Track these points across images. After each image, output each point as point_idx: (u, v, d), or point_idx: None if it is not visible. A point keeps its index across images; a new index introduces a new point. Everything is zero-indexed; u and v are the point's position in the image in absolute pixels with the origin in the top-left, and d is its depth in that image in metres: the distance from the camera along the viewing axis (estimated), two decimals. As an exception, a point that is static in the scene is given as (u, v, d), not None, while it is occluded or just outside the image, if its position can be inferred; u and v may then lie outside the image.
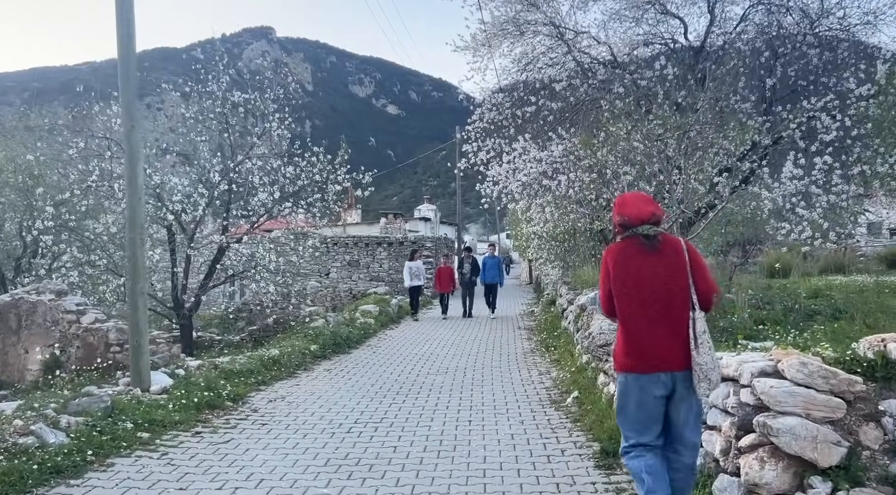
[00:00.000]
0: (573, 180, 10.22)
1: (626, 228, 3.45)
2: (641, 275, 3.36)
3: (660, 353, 3.29)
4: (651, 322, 3.32)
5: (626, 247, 3.44)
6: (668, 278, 3.31)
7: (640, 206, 3.45)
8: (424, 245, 24.96)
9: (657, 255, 3.36)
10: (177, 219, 10.40)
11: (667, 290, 3.31)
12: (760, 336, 6.74)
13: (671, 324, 3.29)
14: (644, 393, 3.33)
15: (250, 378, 8.16)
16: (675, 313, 3.30)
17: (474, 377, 8.70)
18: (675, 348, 3.27)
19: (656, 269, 3.34)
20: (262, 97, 11.09)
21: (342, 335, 11.45)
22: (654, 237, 3.38)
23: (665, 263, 3.34)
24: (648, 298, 3.33)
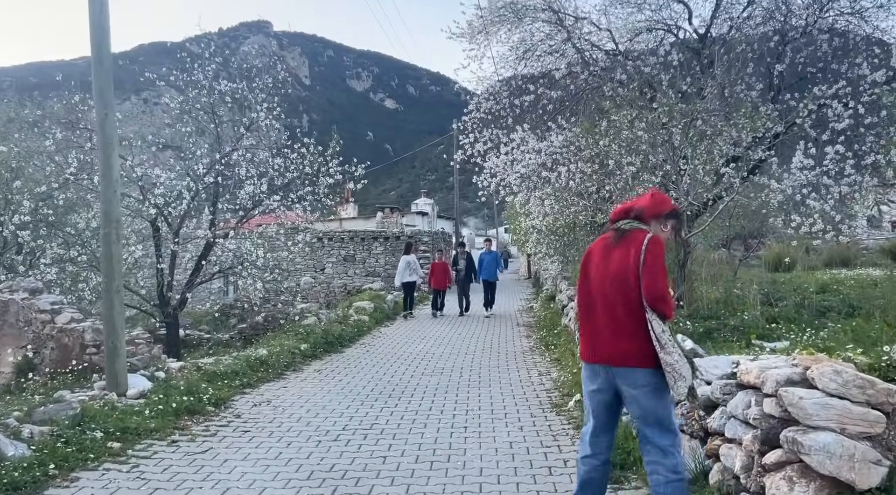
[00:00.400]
0: (574, 172, 9.81)
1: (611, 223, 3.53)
2: (597, 268, 3.40)
3: (599, 345, 3.30)
4: (597, 314, 3.35)
5: (599, 241, 3.52)
6: (618, 273, 3.28)
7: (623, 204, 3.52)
8: (421, 240, 24.55)
9: (617, 250, 3.33)
10: (160, 212, 9.97)
11: (612, 285, 3.29)
12: (774, 335, 6.37)
13: (613, 318, 3.26)
14: (588, 382, 3.40)
15: (235, 380, 7.76)
16: (618, 309, 3.26)
17: (471, 377, 8.31)
18: (615, 345, 3.24)
19: (610, 264, 3.33)
20: (250, 86, 10.64)
21: (334, 333, 11.06)
22: (623, 231, 3.36)
23: (619, 259, 3.30)
24: (596, 291, 3.37)
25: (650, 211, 3.40)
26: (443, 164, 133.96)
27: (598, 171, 8.23)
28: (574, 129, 9.69)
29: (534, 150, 10.51)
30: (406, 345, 11.33)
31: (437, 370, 8.89)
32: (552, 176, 10.16)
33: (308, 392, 7.63)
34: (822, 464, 3.03)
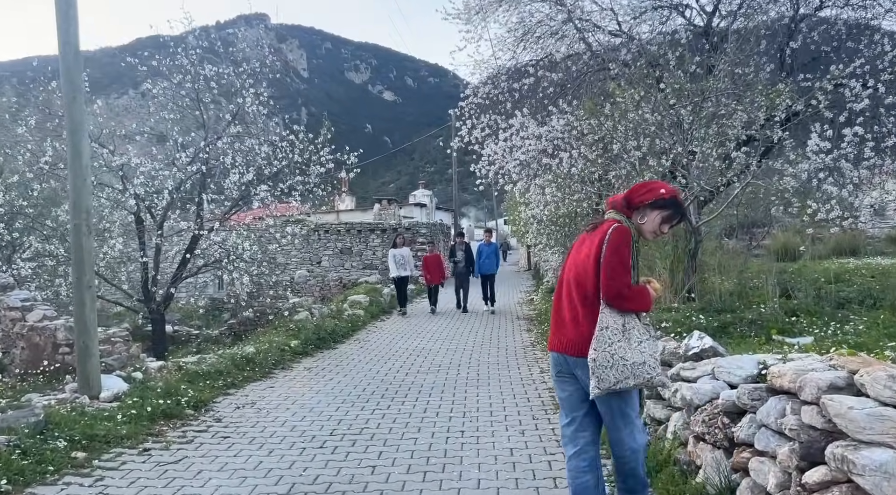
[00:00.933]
0: (576, 157, 9.34)
1: None
2: (571, 258, 3.40)
3: (558, 336, 3.32)
4: (562, 304, 3.34)
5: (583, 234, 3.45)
6: (581, 263, 3.26)
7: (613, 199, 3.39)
8: (419, 231, 24.08)
9: (587, 240, 3.32)
10: (139, 203, 9.49)
11: (576, 276, 3.27)
12: (795, 329, 5.92)
13: (572, 307, 3.25)
14: (553, 370, 3.39)
15: (218, 380, 7.31)
16: (576, 298, 3.23)
17: (469, 375, 7.86)
18: (568, 333, 3.24)
19: (579, 254, 3.32)
20: (236, 71, 10.14)
21: (327, 329, 10.60)
22: (598, 221, 3.35)
23: (586, 249, 3.28)
24: (565, 281, 3.36)
25: (630, 200, 3.30)
26: (442, 157, 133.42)
27: (602, 156, 7.75)
28: (576, 113, 9.20)
29: (534, 136, 10.03)
30: (402, 340, 10.89)
31: (433, 367, 8.45)
32: (553, 162, 9.68)
33: (296, 392, 7.18)
34: (879, 487, 2.57)
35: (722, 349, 4.37)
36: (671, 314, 6.50)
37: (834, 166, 8.14)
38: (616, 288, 3.08)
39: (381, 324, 13.16)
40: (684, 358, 4.55)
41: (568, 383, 3.30)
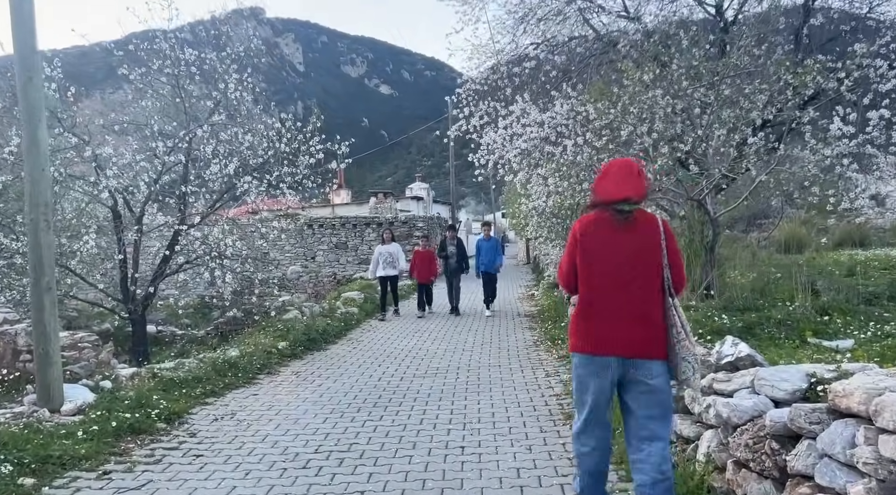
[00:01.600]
0: (581, 145, 8.74)
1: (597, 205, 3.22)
2: (607, 251, 3.10)
3: (617, 337, 3.03)
4: (612, 302, 3.07)
5: (596, 218, 3.18)
6: (639, 258, 3.07)
7: (618, 185, 3.10)
8: (416, 225, 23.48)
9: (629, 232, 3.09)
10: (114, 196, 8.86)
11: (635, 271, 3.06)
12: (829, 330, 5.35)
13: (635, 307, 3.04)
14: (592, 376, 3.09)
15: (197, 388, 6.72)
16: (642, 296, 3.05)
17: (469, 380, 7.29)
18: (636, 333, 3.02)
19: (627, 247, 3.08)
20: (219, 55, 9.51)
21: (318, 328, 10.02)
22: (628, 212, 3.08)
23: (637, 242, 3.08)
24: (614, 278, 3.08)
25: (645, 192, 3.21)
26: (439, 150, 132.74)
27: (613, 141, 7.15)
28: (581, 97, 8.60)
29: (535, 123, 9.43)
30: (397, 340, 10.31)
31: (430, 370, 7.88)
32: (556, 150, 9.09)
33: (281, 401, 6.60)
34: None
35: (760, 357, 3.79)
36: (690, 313, 5.93)
37: (859, 152, 7.57)
38: (685, 281, 3.16)
39: (376, 322, 12.58)
40: (716, 367, 3.98)
41: (609, 386, 3.09)
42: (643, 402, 3.02)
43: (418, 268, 13.24)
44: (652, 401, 3.01)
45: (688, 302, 6.31)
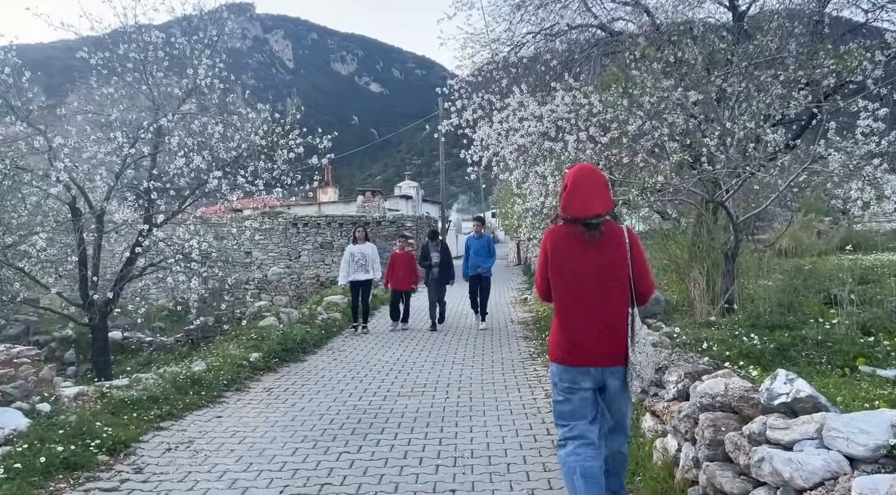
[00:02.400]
0: (584, 140, 8.03)
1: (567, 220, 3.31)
2: (579, 266, 3.25)
3: (590, 348, 3.20)
4: (585, 315, 3.23)
5: (566, 233, 3.29)
6: (606, 271, 3.22)
7: (588, 204, 3.21)
8: (404, 224, 22.72)
9: (597, 246, 3.23)
10: (69, 190, 8.03)
11: (603, 284, 3.22)
12: (876, 353, 4.65)
13: (604, 319, 3.21)
14: (574, 385, 3.24)
15: (152, 409, 5.93)
16: (610, 308, 3.22)
17: (459, 400, 6.54)
18: (607, 344, 3.20)
19: (595, 261, 3.23)
20: (190, 40, 8.70)
21: (296, 337, 9.24)
22: (596, 226, 3.21)
23: (605, 255, 3.23)
24: (584, 291, 3.23)
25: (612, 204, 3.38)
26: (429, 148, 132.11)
27: (625, 135, 6.41)
28: (584, 89, 7.88)
29: (534, 116, 8.70)
30: (381, 350, 9.55)
31: (416, 387, 7.12)
32: (557, 147, 8.36)
33: (248, 425, 5.83)
34: None
35: (824, 400, 3.07)
36: (712, 331, 5.23)
37: (889, 151, 6.89)
38: (654, 289, 3.40)
39: (370, 321, 11.80)
40: (765, 407, 3.26)
41: (589, 395, 3.25)
42: (614, 402, 3.28)
43: (395, 273, 11.40)
44: (621, 401, 3.31)
45: (707, 317, 5.61)
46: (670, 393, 4.19)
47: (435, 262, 11.51)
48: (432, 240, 11.95)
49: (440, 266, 11.47)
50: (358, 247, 11.07)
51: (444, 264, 11.49)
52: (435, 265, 11.50)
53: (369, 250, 11.10)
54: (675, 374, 4.19)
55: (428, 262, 11.60)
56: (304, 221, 23.37)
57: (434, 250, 11.69)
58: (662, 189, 5.67)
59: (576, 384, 3.22)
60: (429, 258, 11.62)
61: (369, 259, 10.98)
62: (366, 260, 10.95)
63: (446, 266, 11.50)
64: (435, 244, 11.84)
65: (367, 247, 11.16)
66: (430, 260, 11.58)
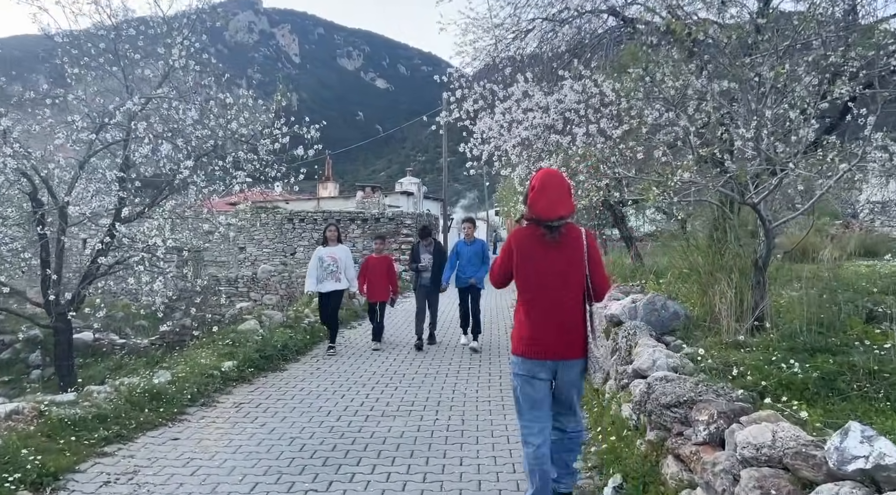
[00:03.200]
0: (594, 133, 7.28)
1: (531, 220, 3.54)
2: (540, 266, 3.50)
3: (548, 342, 3.48)
4: (545, 312, 3.50)
5: (530, 234, 3.54)
6: (565, 271, 3.48)
7: (553, 206, 3.44)
8: (404, 222, 21.97)
9: (558, 247, 3.48)
10: (28, 179, 7.30)
11: (563, 283, 3.48)
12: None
13: (563, 315, 3.48)
14: (531, 376, 3.53)
15: (97, 431, 5.20)
16: (567, 305, 3.48)
17: (450, 423, 5.80)
18: (564, 339, 3.48)
19: (555, 262, 3.49)
20: (165, 17, 7.96)
21: (276, 343, 8.51)
22: (557, 229, 3.46)
23: (564, 256, 3.48)
24: (545, 289, 3.49)
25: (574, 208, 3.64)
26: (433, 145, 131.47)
27: (645, 125, 5.63)
28: (596, 76, 7.12)
29: (539, 107, 7.95)
30: (368, 359, 8.81)
31: (403, 405, 6.39)
32: (564, 141, 7.61)
33: (207, 449, 5.10)
34: None
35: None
36: (742, 354, 4.48)
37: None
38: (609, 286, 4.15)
39: (351, 332, 11.07)
40: (832, 472, 2.51)
41: (545, 384, 3.56)
42: (566, 390, 3.59)
43: (369, 281, 9.61)
44: (573, 388, 3.61)
45: (735, 336, 4.85)
46: (700, 435, 3.44)
47: (425, 265, 9.58)
48: (423, 238, 9.91)
49: (432, 270, 9.53)
50: (328, 249, 9.05)
51: (438, 266, 9.51)
52: (425, 269, 9.59)
53: (342, 254, 9.13)
54: (706, 413, 3.44)
55: (417, 265, 9.67)
56: (300, 217, 22.67)
57: (425, 250, 9.69)
58: (685, 187, 4.94)
59: (533, 375, 3.53)
60: (418, 260, 9.65)
61: (342, 264, 9.02)
62: (337, 265, 8.96)
63: (439, 270, 9.51)
64: (426, 243, 9.78)
65: (340, 250, 9.19)
66: (419, 261, 9.64)
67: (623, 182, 7.08)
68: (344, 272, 9.04)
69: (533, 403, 3.55)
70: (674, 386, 3.91)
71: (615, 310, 5.82)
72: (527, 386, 3.55)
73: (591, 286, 3.51)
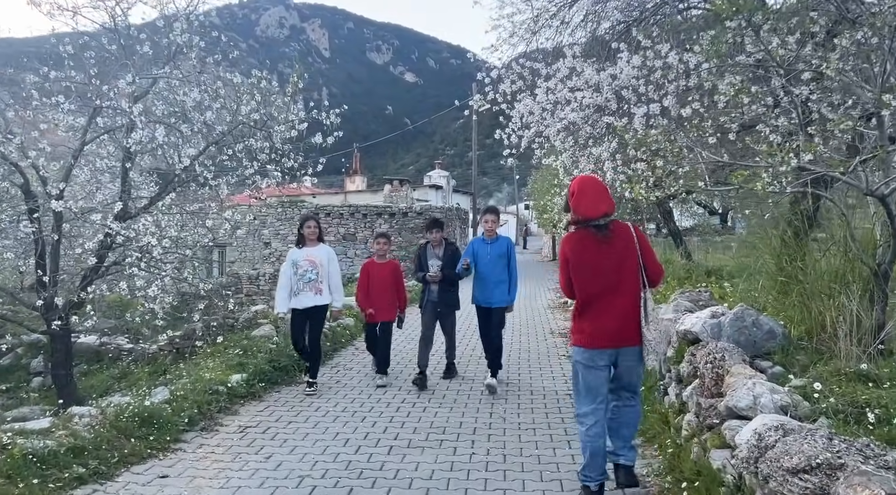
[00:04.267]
0: (656, 114, 6.25)
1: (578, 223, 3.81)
2: (595, 262, 3.74)
3: (608, 332, 3.73)
4: (603, 305, 3.74)
5: (581, 237, 3.81)
6: (619, 264, 3.72)
7: (595, 205, 3.72)
8: (432, 216, 21.03)
9: (609, 243, 3.72)
10: (19, 170, 6.53)
11: (618, 275, 3.72)
12: None
13: (619, 306, 3.72)
14: (592, 364, 3.79)
15: (72, 467, 4.37)
16: (623, 296, 3.73)
17: (489, 456, 4.84)
18: (621, 327, 3.73)
19: (608, 257, 3.72)
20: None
21: (292, 351, 7.63)
22: (605, 226, 3.73)
23: (616, 250, 3.73)
24: (601, 283, 3.73)
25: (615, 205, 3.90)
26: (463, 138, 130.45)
27: (743, 93, 4.56)
28: (659, 47, 6.06)
29: (588, 85, 6.93)
30: (399, 362, 7.89)
31: (433, 432, 5.45)
32: (619, 123, 6.58)
33: (199, 492, 4.23)
34: None
35: None
36: (869, 390, 3.45)
37: None
38: (662, 272, 4.02)
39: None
40: None
41: (604, 372, 3.81)
42: (626, 375, 3.88)
43: (371, 293, 7.15)
44: (633, 373, 3.91)
45: (857, 364, 3.80)
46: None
47: (434, 273, 6.87)
48: (431, 230, 7.07)
49: (443, 280, 6.90)
50: (305, 251, 6.70)
51: (449, 275, 6.89)
52: (435, 278, 6.89)
53: (324, 257, 6.74)
54: (866, 492, 2.43)
55: (424, 274, 6.97)
56: (325, 211, 21.89)
57: (434, 255, 6.99)
58: (797, 174, 3.90)
59: (593, 363, 3.78)
60: (425, 267, 6.98)
61: (324, 271, 6.68)
62: (318, 273, 6.63)
63: (452, 283, 7.03)
64: (437, 240, 7.03)
65: (321, 251, 6.76)
66: (427, 269, 6.95)
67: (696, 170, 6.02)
68: (327, 281, 6.70)
69: (590, 389, 3.81)
70: (799, 442, 2.89)
71: (692, 325, 4.79)
72: (587, 374, 3.81)
73: (645, 274, 3.77)
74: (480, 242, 6.87)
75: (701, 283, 8.38)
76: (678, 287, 8.09)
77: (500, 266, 6.69)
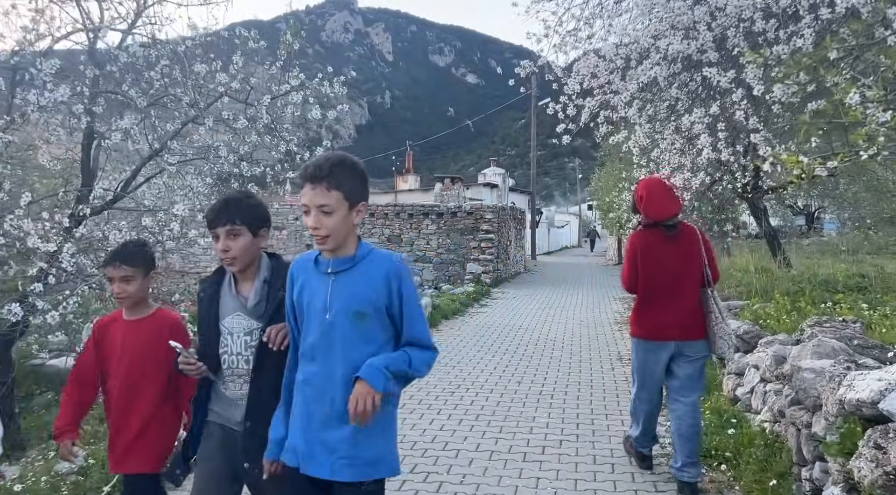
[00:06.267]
0: (773, 65, 4.28)
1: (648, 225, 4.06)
2: (661, 258, 3.93)
3: (670, 326, 3.89)
4: (667, 299, 3.91)
5: (650, 235, 4.02)
6: (683, 262, 3.94)
7: (665, 206, 3.96)
8: (483, 216, 19.21)
9: (676, 242, 3.95)
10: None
11: (682, 272, 3.93)
12: None
13: (682, 301, 3.91)
14: (653, 356, 4.00)
15: None
16: (686, 292, 3.93)
17: None
18: (684, 322, 3.89)
19: (673, 255, 3.94)
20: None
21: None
22: (674, 227, 3.98)
23: (682, 249, 3.95)
24: (667, 279, 3.92)
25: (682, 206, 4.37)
26: (524, 139, 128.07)
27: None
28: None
29: (675, 28, 5.00)
30: (448, 379, 6.13)
31: None
32: (723, 79, 4.62)
33: None
34: None
35: None
36: None
37: None
38: (719, 274, 4.25)
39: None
40: None
41: (662, 363, 3.99)
42: (687, 370, 3.97)
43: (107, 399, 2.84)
44: (694, 369, 3.99)
45: None
46: None
47: (192, 363, 2.37)
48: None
49: (259, 376, 2.37)
50: None
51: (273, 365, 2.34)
52: (199, 371, 2.38)
53: None
54: None
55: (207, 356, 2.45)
56: (370, 211, 20.40)
57: (234, 296, 2.46)
58: None
59: (653, 353, 4.00)
60: (207, 335, 2.47)
61: None
62: None
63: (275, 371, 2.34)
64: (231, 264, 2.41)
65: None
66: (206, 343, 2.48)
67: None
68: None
69: (646, 378, 4.08)
70: None
71: (870, 394, 2.77)
72: (647, 364, 4.05)
73: (709, 274, 3.96)
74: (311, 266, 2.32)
75: (824, 303, 6.26)
76: (793, 309, 6.00)
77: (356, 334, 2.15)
